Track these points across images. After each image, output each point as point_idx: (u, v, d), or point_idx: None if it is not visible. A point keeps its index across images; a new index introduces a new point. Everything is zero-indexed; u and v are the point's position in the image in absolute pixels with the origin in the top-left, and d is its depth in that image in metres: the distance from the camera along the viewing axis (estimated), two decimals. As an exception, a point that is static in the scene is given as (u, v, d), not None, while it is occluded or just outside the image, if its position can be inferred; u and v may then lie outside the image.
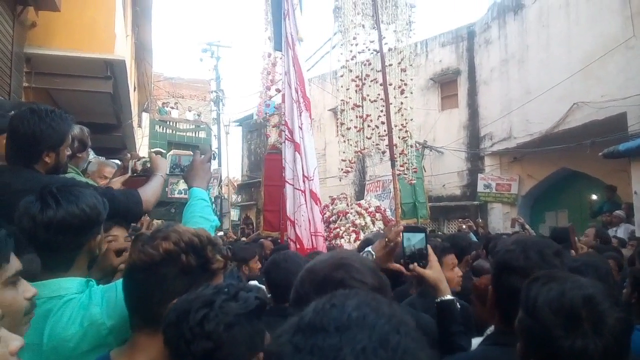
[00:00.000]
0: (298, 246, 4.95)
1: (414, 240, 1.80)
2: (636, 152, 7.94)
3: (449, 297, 1.85)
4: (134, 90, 11.87)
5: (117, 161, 3.81)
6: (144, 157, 2.53)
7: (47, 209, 1.43)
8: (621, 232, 7.44)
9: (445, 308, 1.84)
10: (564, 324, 1.13)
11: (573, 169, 11.65)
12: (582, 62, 9.35)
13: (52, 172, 2.00)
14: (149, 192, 2.22)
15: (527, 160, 12.44)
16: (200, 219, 1.96)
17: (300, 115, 5.19)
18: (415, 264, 1.80)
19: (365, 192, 13.68)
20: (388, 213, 7.11)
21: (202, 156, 2.23)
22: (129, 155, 2.65)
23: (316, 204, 5.09)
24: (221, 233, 16.37)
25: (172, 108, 24.48)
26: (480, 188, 13.23)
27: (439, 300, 1.84)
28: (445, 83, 15.01)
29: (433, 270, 1.82)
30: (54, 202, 1.44)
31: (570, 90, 9.65)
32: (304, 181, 5.15)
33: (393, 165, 6.68)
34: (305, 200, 5.12)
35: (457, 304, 1.92)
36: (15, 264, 1.16)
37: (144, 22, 11.36)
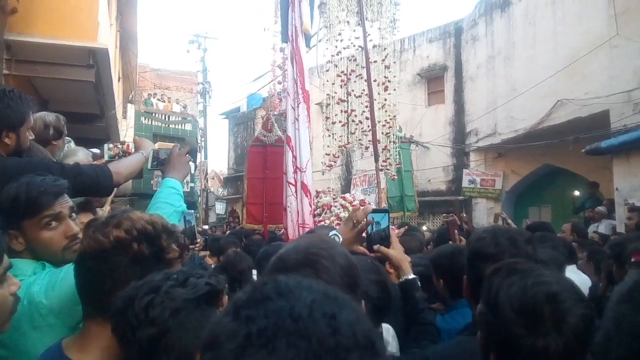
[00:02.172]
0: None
1: (380, 221, 1.81)
2: (618, 149, 8.05)
3: (412, 275, 1.87)
4: (119, 80, 11.71)
5: (97, 150, 3.76)
6: (123, 143, 2.52)
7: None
8: (602, 227, 7.53)
9: (410, 286, 1.86)
10: (526, 323, 1.10)
11: (556, 165, 11.78)
12: (567, 60, 9.43)
13: (14, 154, 1.97)
14: (121, 166, 2.20)
15: (512, 156, 12.55)
16: (164, 204, 1.96)
17: (298, 107, 5.27)
18: (379, 245, 1.80)
19: (352, 186, 13.71)
20: (372, 206, 7.13)
21: (180, 149, 2.23)
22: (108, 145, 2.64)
23: (306, 195, 5.13)
24: (206, 226, 16.31)
25: (159, 100, 24.25)
26: (465, 183, 13.33)
27: (402, 279, 1.85)
28: (432, 79, 15.06)
29: (396, 251, 1.84)
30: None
31: (555, 87, 9.74)
32: (295, 172, 5.24)
33: (377, 160, 6.73)
34: (296, 192, 5.21)
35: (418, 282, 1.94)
36: (5, 262, 1.15)
37: (129, 11, 11.19)
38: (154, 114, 22.98)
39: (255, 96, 23.91)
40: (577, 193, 10.82)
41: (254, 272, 3.55)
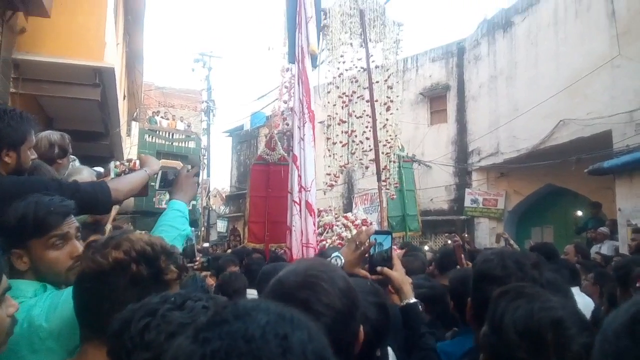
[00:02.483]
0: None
1: (383, 243, 1.80)
2: (620, 170, 8.05)
3: (413, 299, 1.85)
4: (124, 98, 11.82)
5: (100, 169, 3.79)
6: (130, 160, 2.54)
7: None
8: (605, 248, 7.50)
9: (411, 310, 1.84)
10: (529, 347, 1.10)
11: (559, 185, 11.76)
12: (569, 80, 9.49)
13: (14, 173, 1.98)
14: (120, 183, 2.19)
15: (514, 176, 12.54)
16: (169, 227, 1.96)
17: (304, 126, 5.28)
18: (381, 267, 1.79)
19: (354, 205, 13.70)
20: (375, 226, 7.12)
21: (188, 171, 2.24)
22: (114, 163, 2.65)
23: (310, 215, 5.11)
24: (206, 244, 16.27)
25: (163, 118, 24.41)
26: (467, 203, 13.30)
27: (404, 303, 1.84)
28: (434, 98, 15.14)
29: (398, 273, 1.82)
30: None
31: (557, 107, 9.78)
32: (300, 191, 5.22)
33: (379, 179, 6.75)
34: (300, 211, 5.18)
35: (420, 306, 1.93)
36: (4, 283, 1.16)
37: (136, 31, 11.35)
38: (157, 132, 23.11)
39: (258, 114, 24.05)
40: (579, 213, 10.79)
41: (252, 291, 3.55)
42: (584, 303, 3.10)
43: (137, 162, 2.49)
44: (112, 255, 1.19)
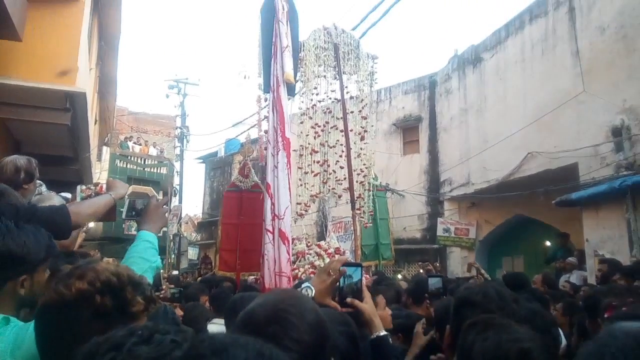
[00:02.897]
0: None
1: (352, 275, 1.79)
2: (587, 201, 8.27)
3: (383, 332, 1.84)
4: (95, 123, 11.65)
5: (68, 195, 3.69)
6: (97, 184, 2.47)
7: None
8: (574, 278, 7.63)
9: (381, 343, 1.82)
10: None
11: (528, 216, 11.98)
12: (537, 114, 9.80)
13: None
14: (81, 206, 2.15)
15: (485, 206, 12.75)
16: (139, 259, 1.91)
17: (277, 154, 5.31)
18: (352, 298, 1.77)
19: (327, 233, 13.65)
20: (347, 255, 7.11)
21: (158, 200, 2.20)
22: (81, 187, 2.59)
23: (284, 243, 5.07)
24: (175, 272, 15.93)
25: (135, 143, 24.13)
26: (439, 232, 13.41)
27: (374, 336, 1.81)
28: (407, 129, 15.41)
29: (368, 305, 1.81)
30: None
31: (525, 140, 10.05)
32: (273, 219, 5.21)
33: (353, 207, 6.76)
34: (273, 239, 5.16)
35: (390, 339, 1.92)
36: None
37: (110, 56, 11.28)
38: (129, 157, 22.82)
39: (233, 141, 23.98)
40: (548, 243, 10.99)
41: (219, 321, 3.48)
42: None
43: (104, 186, 2.44)
44: (75, 286, 1.14)
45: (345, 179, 6.81)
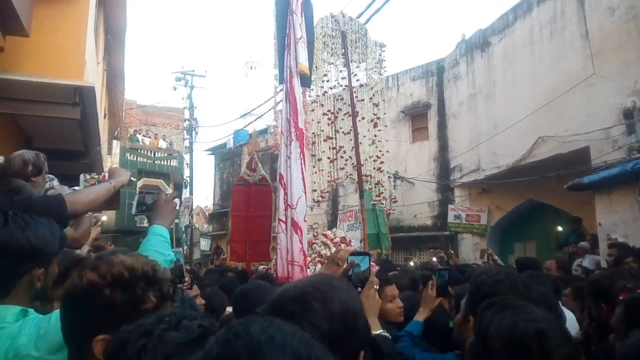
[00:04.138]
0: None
1: (360, 264, 1.79)
2: (600, 185, 8.19)
3: (378, 332, 1.82)
4: (104, 117, 11.72)
5: (78, 188, 3.73)
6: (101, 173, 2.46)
7: None
8: (587, 262, 7.58)
9: (373, 344, 1.77)
10: (513, 356, 1.14)
11: (539, 201, 11.92)
12: (546, 98, 9.69)
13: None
14: (78, 195, 2.12)
15: (495, 192, 12.68)
16: (154, 252, 1.91)
17: (290, 144, 5.32)
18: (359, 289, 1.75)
19: (338, 222, 13.70)
20: (353, 244, 7.16)
21: (167, 195, 2.20)
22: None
23: (296, 233, 5.09)
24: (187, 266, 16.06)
25: (145, 136, 24.23)
26: (450, 219, 13.40)
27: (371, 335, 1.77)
28: (415, 116, 15.33)
29: (369, 300, 1.75)
30: (2, 223, 1.39)
31: (535, 124, 9.96)
32: (286, 209, 5.23)
33: (362, 196, 6.80)
34: (286, 229, 5.18)
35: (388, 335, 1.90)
36: None
37: (117, 50, 11.32)
38: (139, 150, 22.93)
39: (241, 132, 24.02)
40: (560, 228, 10.92)
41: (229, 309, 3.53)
42: (566, 317, 3.11)
43: (107, 175, 2.42)
44: (87, 277, 1.17)
45: (363, 165, 6.83)
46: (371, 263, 1.86)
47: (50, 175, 3.17)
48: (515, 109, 10.69)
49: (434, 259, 10.71)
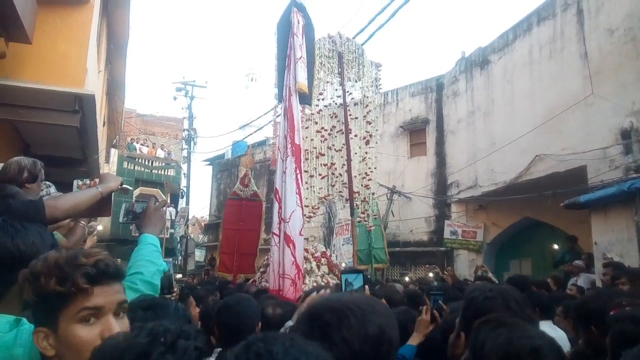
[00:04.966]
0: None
1: (353, 282, 1.77)
2: (596, 204, 8.21)
3: None
4: (103, 125, 11.73)
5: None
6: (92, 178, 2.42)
7: None
8: (582, 281, 7.58)
9: None
10: None
11: (536, 219, 11.93)
12: (544, 117, 9.75)
13: None
14: (61, 200, 2.08)
15: (492, 209, 12.70)
16: (147, 262, 1.92)
17: (286, 160, 5.54)
18: None
19: (334, 235, 13.66)
20: (344, 257, 7.26)
21: (156, 203, 2.19)
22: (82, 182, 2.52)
23: (288, 246, 5.19)
24: (179, 275, 15.95)
25: (142, 145, 24.21)
26: (446, 234, 13.38)
27: None
28: (414, 131, 15.39)
29: None
30: None
31: (533, 142, 10.01)
32: (279, 222, 5.40)
33: (352, 214, 7.00)
34: (279, 242, 5.34)
35: None
36: None
37: (118, 59, 11.37)
38: (137, 159, 22.87)
39: (240, 144, 24.06)
40: (556, 247, 10.93)
41: None
42: (558, 336, 3.08)
43: (97, 180, 2.37)
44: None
45: (352, 182, 6.94)
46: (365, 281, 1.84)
47: (47, 182, 3.16)
48: (513, 127, 10.75)
49: (430, 274, 10.70)
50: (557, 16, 9.92)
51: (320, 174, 7.02)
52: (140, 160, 22.96)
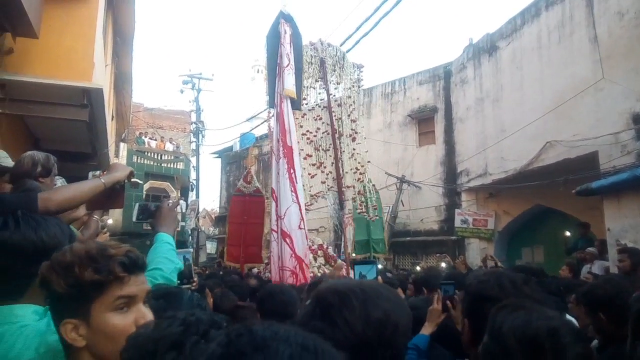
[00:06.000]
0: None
1: (367, 274, 1.76)
2: (608, 190, 8.12)
3: None
4: (112, 119, 11.78)
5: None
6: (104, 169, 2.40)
7: (4, 230, 1.37)
8: (596, 268, 7.50)
9: None
10: (527, 353, 1.15)
11: (547, 206, 11.84)
12: (554, 103, 9.64)
13: None
14: (57, 192, 2.00)
15: (503, 197, 12.62)
16: (166, 260, 1.96)
17: (279, 162, 6.01)
18: None
19: (345, 226, 13.67)
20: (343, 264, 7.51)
21: (170, 203, 2.20)
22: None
23: (285, 240, 5.69)
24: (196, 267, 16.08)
25: (151, 139, 24.32)
26: (457, 223, 13.34)
27: None
28: (422, 120, 15.30)
29: None
30: (14, 224, 1.39)
31: (543, 129, 9.91)
32: (277, 220, 5.89)
33: (342, 208, 7.47)
34: (277, 238, 5.83)
35: None
36: None
37: (125, 52, 11.38)
38: (146, 153, 22.99)
39: (248, 135, 24.09)
40: (568, 234, 10.84)
41: None
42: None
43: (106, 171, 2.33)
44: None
45: (342, 177, 7.39)
46: (379, 273, 1.84)
47: (59, 177, 3.18)
48: (522, 113, 10.64)
49: (443, 264, 10.69)
50: (565, 0, 9.76)
51: (310, 174, 7.42)
52: (149, 154, 23.09)
